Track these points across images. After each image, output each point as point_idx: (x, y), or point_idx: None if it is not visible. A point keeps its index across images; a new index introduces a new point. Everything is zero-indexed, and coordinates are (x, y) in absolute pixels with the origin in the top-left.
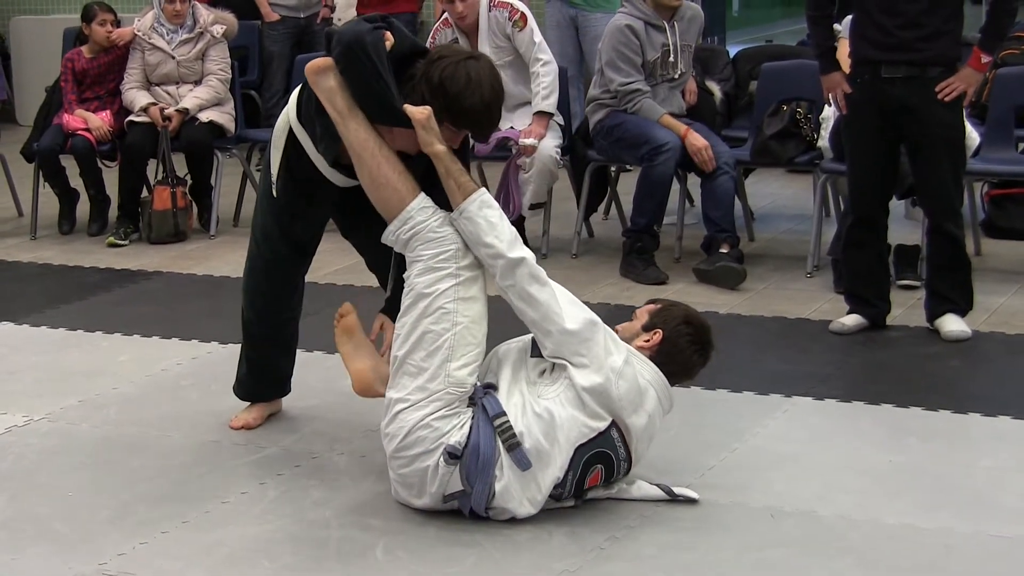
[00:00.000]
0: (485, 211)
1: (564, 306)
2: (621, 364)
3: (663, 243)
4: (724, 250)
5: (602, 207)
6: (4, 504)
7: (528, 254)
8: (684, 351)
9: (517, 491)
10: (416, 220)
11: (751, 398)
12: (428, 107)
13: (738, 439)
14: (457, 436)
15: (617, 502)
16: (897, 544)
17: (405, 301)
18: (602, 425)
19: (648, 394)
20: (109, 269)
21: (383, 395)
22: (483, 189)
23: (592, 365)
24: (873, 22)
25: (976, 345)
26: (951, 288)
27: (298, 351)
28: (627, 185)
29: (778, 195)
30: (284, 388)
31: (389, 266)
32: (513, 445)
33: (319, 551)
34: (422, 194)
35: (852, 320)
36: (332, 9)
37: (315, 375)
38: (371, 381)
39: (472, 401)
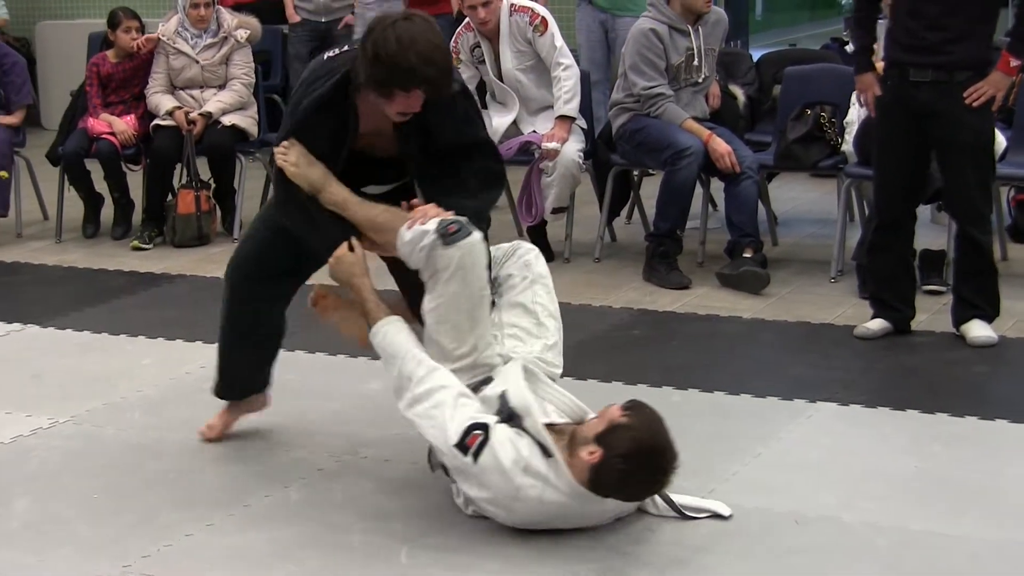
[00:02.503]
0: (380, 349)
1: (445, 447)
2: (508, 502)
3: (686, 247)
4: (748, 255)
5: (625, 211)
6: (28, 506)
7: (401, 401)
8: (614, 483)
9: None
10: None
11: (775, 403)
12: (343, 248)
13: (763, 444)
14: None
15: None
16: (922, 551)
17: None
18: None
19: (565, 507)
20: (133, 272)
21: None
22: (375, 327)
23: (482, 496)
24: (901, 24)
25: (1002, 351)
26: (977, 294)
27: (322, 355)
28: (650, 189)
29: (802, 199)
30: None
31: None
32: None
33: (343, 555)
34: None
35: (877, 324)
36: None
37: (339, 378)
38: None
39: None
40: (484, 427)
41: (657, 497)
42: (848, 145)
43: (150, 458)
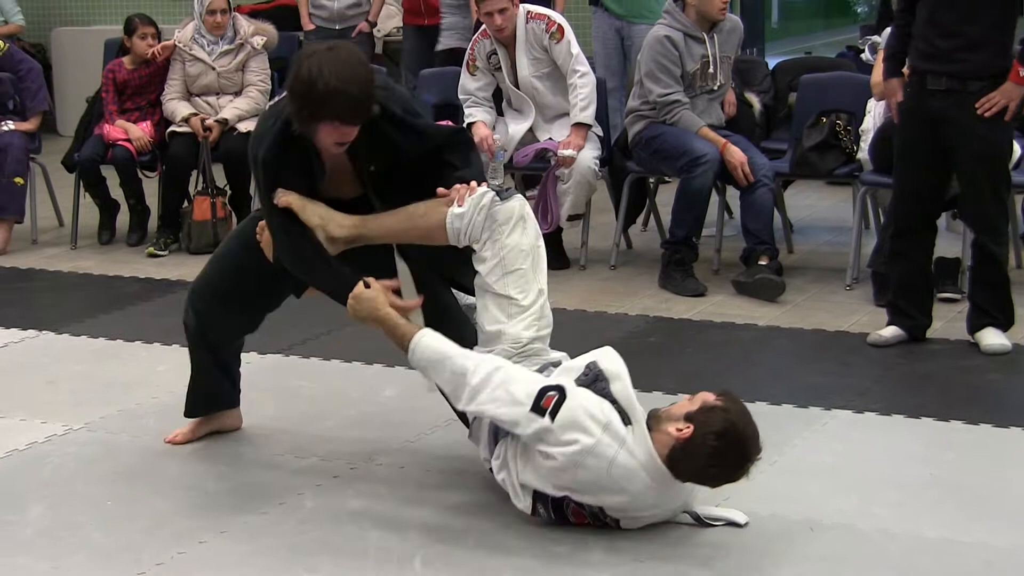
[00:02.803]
0: (419, 365)
1: (517, 416)
2: (580, 456)
3: (702, 255)
4: (763, 262)
5: (641, 218)
6: (43, 513)
7: (459, 401)
8: (699, 461)
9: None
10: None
11: (790, 411)
12: (359, 287)
13: (777, 452)
14: None
15: None
16: (936, 558)
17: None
18: (558, 494)
19: (632, 478)
20: (149, 279)
21: None
22: (412, 343)
23: (551, 451)
24: (920, 33)
25: (1016, 359)
26: (992, 302)
27: (336, 361)
28: (666, 196)
29: (817, 207)
30: (218, 404)
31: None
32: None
33: (357, 562)
34: (450, 210)
35: (890, 332)
36: (372, 25)
37: (353, 386)
38: None
39: None
40: (558, 388)
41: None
42: (863, 153)
43: (164, 465)
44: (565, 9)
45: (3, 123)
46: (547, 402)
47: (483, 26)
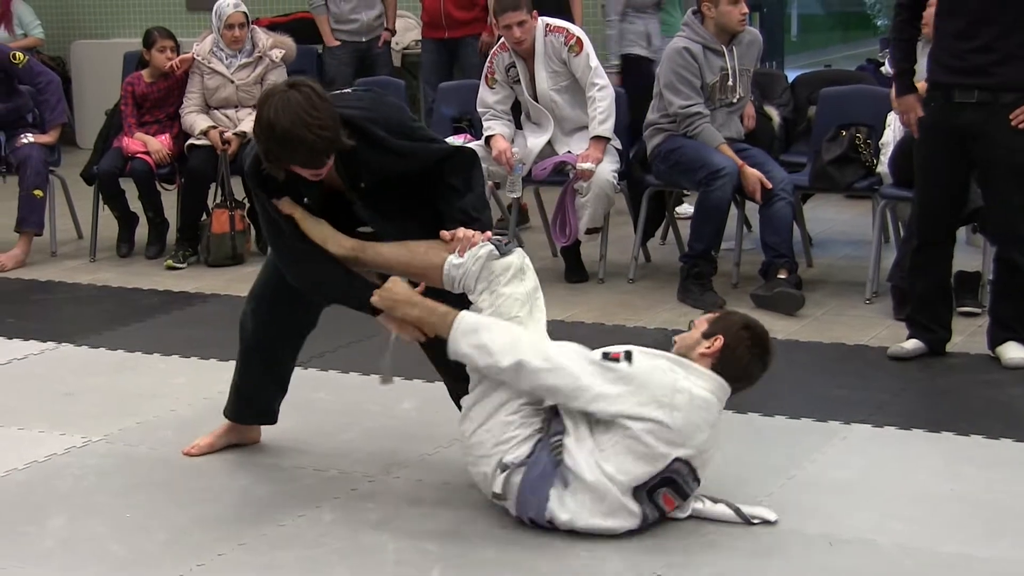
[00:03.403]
0: (468, 339)
1: (583, 374)
2: (669, 395)
3: (721, 268)
4: (782, 276)
5: (659, 232)
6: (62, 525)
7: (521, 353)
8: (744, 356)
9: (584, 506)
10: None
11: (809, 425)
12: (388, 287)
13: (796, 466)
14: (515, 453)
15: (677, 525)
16: (954, 573)
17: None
18: (660, 466)
19: (710, 407)
20: (167, 292)
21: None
22: (458, 316)
23: (642, 411)
24: (948, 47)
25: None
26: (1014, 316)
27: (355, 374)
28: (685, 209)
29: (837, 220)
30: (266, 417)
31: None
32: (557, 461)
33: (375, 574)
34: (449, 258)
35: (911, 345)
36: (393, 33)
37: (371, 398)
38: None
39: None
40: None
41: (709, 503)
42: (883, 166)
43: (183, 477)
44: (584, 21)
45: (22, 136)
46: (616, 355)
47: (501, 39)
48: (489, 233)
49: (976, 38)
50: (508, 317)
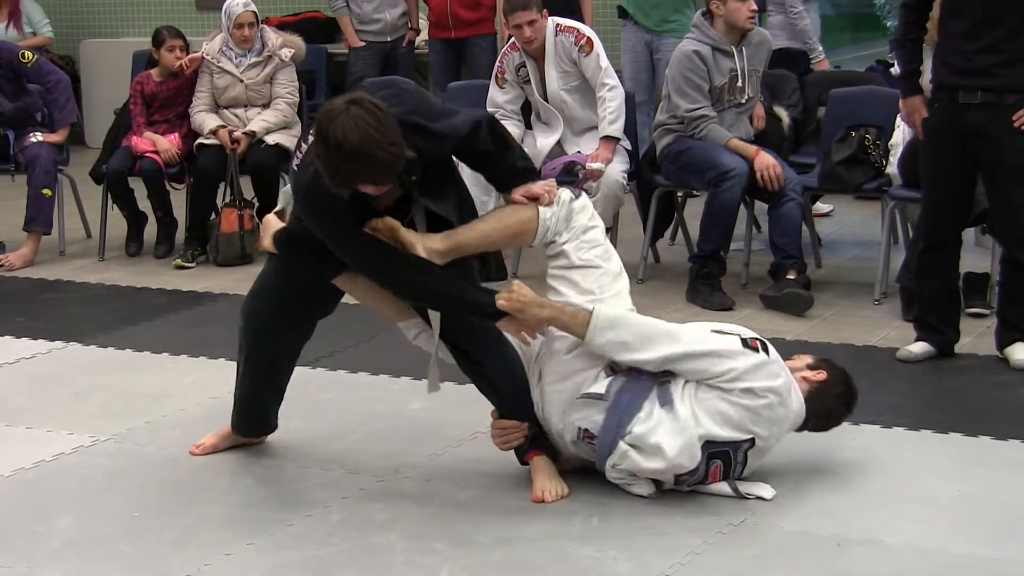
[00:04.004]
0: (606, 336)
1: (718, 362)
2: (787, 389)
3: (729, 269)
4: (791, 276)
5: (668, 232)
6: (70, 524)
7: (664, 349)
8: (834, 400)
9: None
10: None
11: None
12: (511, 291)
13: (805, 466)
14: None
15: (685, 525)
16: (963, 574)
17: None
18: (738, 436)
19: (795, 421)
20: (176, 291)
21: None
22: (594, 312)
23: (763, 388)
24: (954, 48)
25: None
26: (1021, 317)
27: (364, 374)
28: (694, 210)
29: (846, 221)
30: (267, 428)
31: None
32: (663, 382)
33: (383, 574)
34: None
35: (919, 348)
36: (417, 32)
37: (380, 398)
38: None
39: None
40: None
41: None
42: (892, 167)
43: (191, 477)
44: (595, 22)
45: (31, 135)
46: (754, 343)
47: (512, 38)
48: (550, 186)
49: (981, 39)
50: (595, 244)
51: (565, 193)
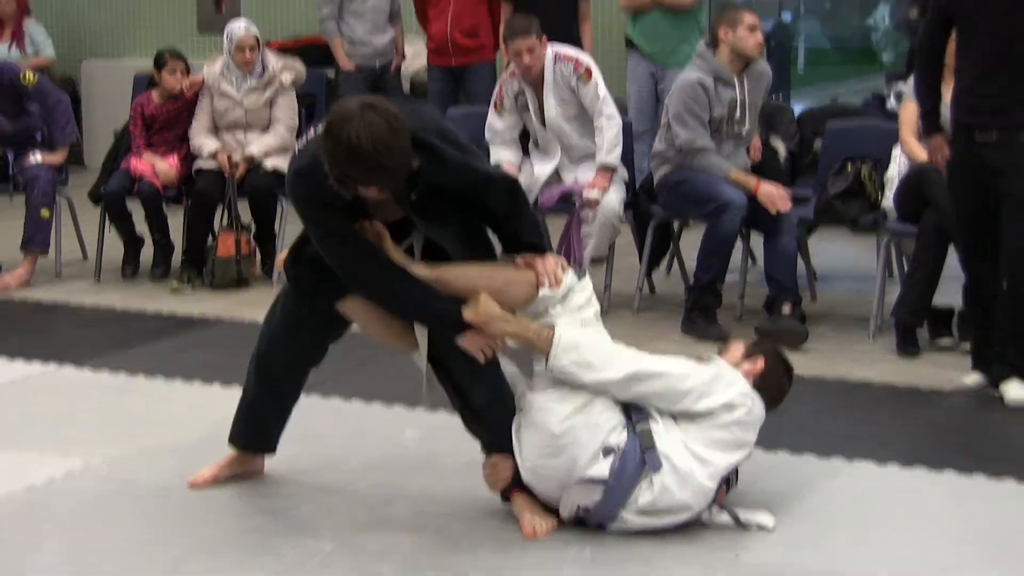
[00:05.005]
0: (569, 356)
1: (685, 377)
2: (749, 389)
3: (725, 301)
4: (786, 310)
5: (664, 262)
6: (58, 550)
7: (627, 366)
8: (780, 377)
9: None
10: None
11: (812, 460)
12: (477, 304)
13: (799, 501)
14: (619, 438)
15: (677, 555)
16: None
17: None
18: (741, 456)
19: (761, 415)
20: (171, 315)
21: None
22: (556, 333)
23: (736, 399)
24: (967, 87)
25: None
26: (1018, 354)
27: (357, 402)
28: (690, 240)
29: (841, 255)
30: (267, 444)
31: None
32: (648, 447)
33: None
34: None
35: (972, 380)
36: (403, 57)
37: (374, 427)
38: None
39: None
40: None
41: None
42: (888, 201)
43: (183, 504)
44: (600, 52)
45: (31, 155)
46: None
47: (511, 66)
48: (559, 263)
49: (991, 79)
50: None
51: (569, 278)
